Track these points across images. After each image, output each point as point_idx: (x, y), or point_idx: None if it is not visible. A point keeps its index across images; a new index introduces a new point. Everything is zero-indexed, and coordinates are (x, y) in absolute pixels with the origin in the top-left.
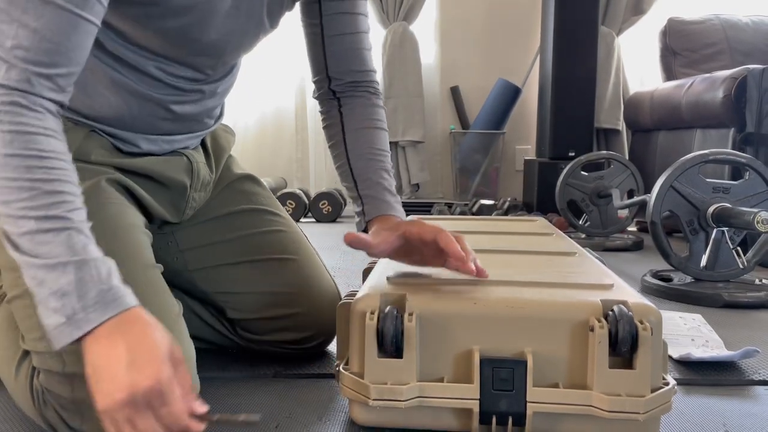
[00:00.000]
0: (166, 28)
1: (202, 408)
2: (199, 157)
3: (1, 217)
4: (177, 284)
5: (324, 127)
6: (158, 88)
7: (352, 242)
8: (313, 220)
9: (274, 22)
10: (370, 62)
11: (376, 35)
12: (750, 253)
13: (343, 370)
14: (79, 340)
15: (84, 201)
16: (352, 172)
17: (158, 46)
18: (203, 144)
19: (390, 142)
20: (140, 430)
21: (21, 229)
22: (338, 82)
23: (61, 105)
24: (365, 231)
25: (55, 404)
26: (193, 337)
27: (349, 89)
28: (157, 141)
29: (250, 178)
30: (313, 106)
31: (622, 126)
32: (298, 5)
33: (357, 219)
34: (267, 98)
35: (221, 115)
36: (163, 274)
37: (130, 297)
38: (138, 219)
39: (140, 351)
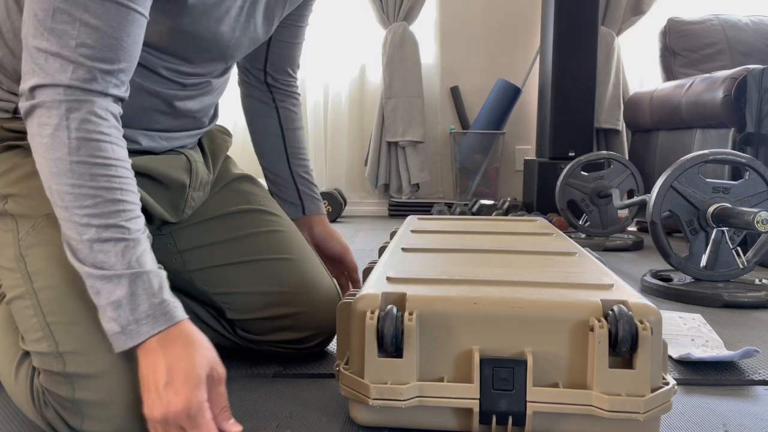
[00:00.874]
0: (179, 25)
1: (235, 428)
2: (197, 156)
3: (64, 221)
4: (176, 285)
5: (252, 109)
6: (161, 83)
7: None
8: None
9: (271, 25)
10: (298, 64)
11: (376, 35)
12: (750, 253)
13: (343, 370)
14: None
15: None
16: (291, 169)
17: (167, 42)
18: (200, 144)
19: (390, 142)
20: None
21: (82, 236)
22: (272, 78)
23: (122, 100)
24: (299, 220)
25: (56, 404)
26: None
27: (282, 88)
28: (156, 138)
29: (248, 179)
30: (313, 106)
31: (622, 126)
32: None
33: (288, 208)
34: None
35: (215, 115)
36: None
37: (178, 310)
38: None
39: (177, 372)
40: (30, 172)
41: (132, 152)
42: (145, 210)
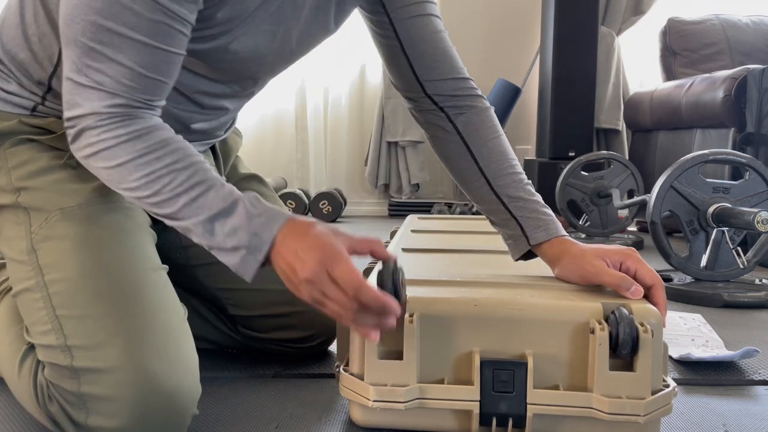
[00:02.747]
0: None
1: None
2: (208, 159)
3: (154, 206)
4: (179, 280)
5: (435, 144)
6: (183, 103)
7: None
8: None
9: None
10: (461, 64)
11: None
12: (750, 253)
13: (343, 371)
14: (264, 263)
15: (97, 200)
16: (495, 192)
17: (201, 64)
18: (212, 146)
19: (390, 142)
20: (329, 297)
21: (179, 204)
22: (435, 91)
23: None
24: (528, 254)
25: (60, 398)
26: (194, 336)
27: (454, 100)
28: None
29: (255, 178)
30: (313, 107)
31: (622, 126)
32: (365, 26)
33: (509, 241)
34: (267, 99)
35: (232, 124)
36: (167, 271)
37: (284, 209)
38: (144, 219)
39: (308, 239)
40: (45, 166)
41: None
42: None
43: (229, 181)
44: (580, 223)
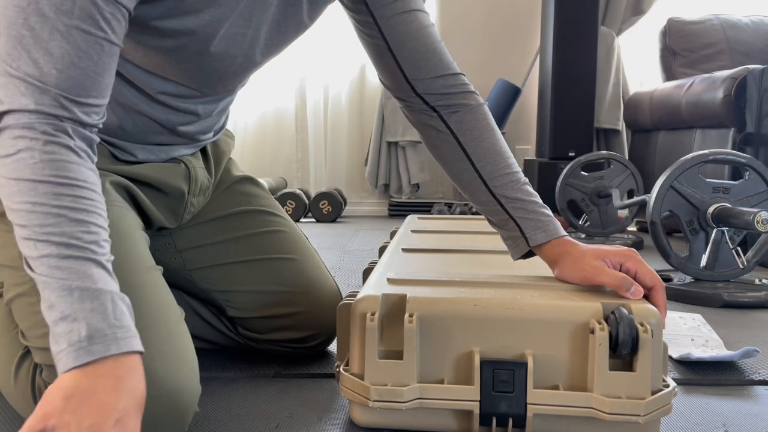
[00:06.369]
0: (181, 45)
1: None
2: (197, 162)
3: (22, 240)
4: (176, 283)
5: (429, 143)
6: (157, 108)
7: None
8: (313, 220)
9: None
10: (450, 59)
11: None
12: (750, 253)
13: (343, 371)
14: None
15: None
16: (492, 193)
17: (165, 65)
18: (203, 148)
19: (390, 142)
20: None
21: (40, 252)
22: (426, 90)
23: (95, 127)
24: (528, 254)
25: None
26: (193, 336)
27: (445, 98)
28: (154, 150)
29: (249, 180)
30: (313, 106)
31: (622, 126)
32: (351, 25)
33: (508, 242)
34: (267, 98)
35: (223, 127)
36: (163, 274)
37: (136, 340)
38: (137, 221)
39: (90, 403)
40: None
41: (129, 162)
42: (144, 215)
43: (223, 185)
44: (580, 223)
